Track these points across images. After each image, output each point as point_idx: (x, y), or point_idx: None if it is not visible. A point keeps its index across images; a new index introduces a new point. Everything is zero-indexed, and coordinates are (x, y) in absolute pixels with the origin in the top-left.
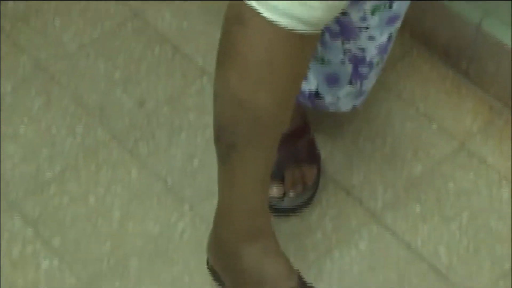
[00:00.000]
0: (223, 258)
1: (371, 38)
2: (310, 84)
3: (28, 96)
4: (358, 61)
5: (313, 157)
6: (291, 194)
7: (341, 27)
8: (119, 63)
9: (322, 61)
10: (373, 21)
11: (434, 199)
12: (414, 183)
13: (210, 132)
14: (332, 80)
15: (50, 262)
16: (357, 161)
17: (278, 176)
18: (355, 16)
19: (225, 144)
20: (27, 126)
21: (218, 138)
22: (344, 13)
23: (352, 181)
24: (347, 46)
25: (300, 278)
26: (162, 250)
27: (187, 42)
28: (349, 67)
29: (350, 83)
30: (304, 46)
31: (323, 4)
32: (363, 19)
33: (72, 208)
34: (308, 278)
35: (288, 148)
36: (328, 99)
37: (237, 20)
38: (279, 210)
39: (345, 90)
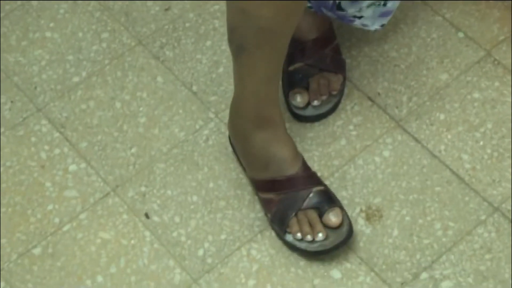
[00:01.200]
0: (237, 140)
1: None
2: (348, 9)
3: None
4: None
5: (338, 65)
6: (316, 102)
7: None
8: None
9: None
10: None
11: (458, 108)
12: (439, 91)
13: None
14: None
15: (77, 165)
16: (382, 69)
17: (302, 84)
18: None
19: (235, 44)
20: (53, 30)
21: (229, 39)
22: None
23: (377, 89)
24: None
25: (303, 163)
26: (188, 156)
27: None
28: None
29: None
30: None
31: None
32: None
33: (98, 113)
34: (332, 185)
35: (312, 56)
36: (350, 10)
37: None
38: (304, 118)
39: (367, 1)
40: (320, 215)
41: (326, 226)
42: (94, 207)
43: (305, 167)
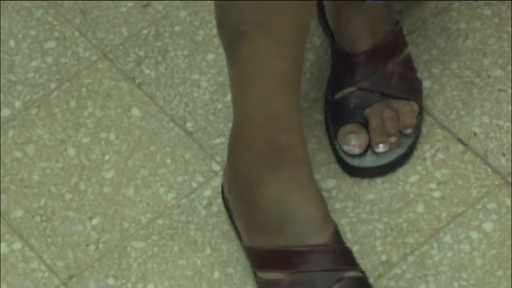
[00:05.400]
0: (238, 190)
1: None
2: None
3: None
4: None
5: (411, 88)
6: (380, 147)
7: None
8: None
9: None
10: None
11: None
12: None
13: None
14: None
15: (8, 245)
16: (480, 95)
17: (357, 118)
18: None
19: (230, 31)
20: None
21: (220, 25)
22: None
23: (472, 126)
24: None
25: (336, 232)
26: (180, 230)
27: None
28: None
29: None
30: None
31: None
32: None
33: (41, 165)
34: (403, 274)
35: (369, 76)
36: None
37: None
38: (360, 171)
39: None
40: None
41: None
42: None
43: (338, 238)
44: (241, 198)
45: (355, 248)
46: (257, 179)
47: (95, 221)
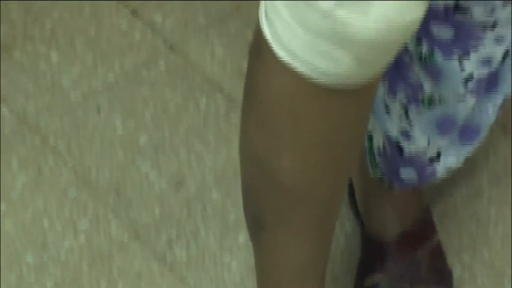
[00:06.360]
0: None
1: (498, 40)
2: (417, 144)
3: (8, 168)
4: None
5: (441, 278)
6: None
7: (456, 30)
8: (145, 121)
9: (430, 102)
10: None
11: None
12: None
13: None
14: (446, 127)
15: None
16: (509, 285)
17: None
18: (478, 11)
19: (252, 218)
20: (5, 213)
21: (245, 211)
22: (463, 10)
23: None
24: (468, 66)
25: None
26: None
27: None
28: (470, 102)
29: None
30: (342, 99)
31: (350, 56)
32: (491, 11)
33: None
34: None
35: (398, 264)
36: (451, 160)
37: (256, 53)
38: None
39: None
40: None
41: None
42: None
43: None
44: None
45: None
46: None
47: None
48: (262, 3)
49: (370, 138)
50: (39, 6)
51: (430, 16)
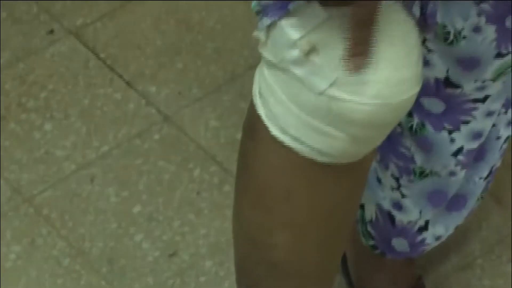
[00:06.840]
0: None
1: (489, 114)
2: (409, 215)
3: (2, 238)
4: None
5: None
6: None
7: (446, 104)
8: (139, 191)
9: (421, 174)
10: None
11: None
12: None
13: None
14: (437, 200)
15: None
16: None
17: None
18: (469, 86)
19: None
20: None
21: (238, 280)
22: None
23: None
24: (458, 139)
25: None
26: None
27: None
28: (461, 175)
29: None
30: (335, 175)
31: (345, 135)
32: (482, 88)
33: None
34: None
35: None
36: (439, 229)
37: (250, 132)
38: None
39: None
40: None
41: None
42: None
43: None
44: None
45: None
46: None
47: None
48: (256, 83)
49: (362, 207)
50: (34, 77)
51: (421, 91)
